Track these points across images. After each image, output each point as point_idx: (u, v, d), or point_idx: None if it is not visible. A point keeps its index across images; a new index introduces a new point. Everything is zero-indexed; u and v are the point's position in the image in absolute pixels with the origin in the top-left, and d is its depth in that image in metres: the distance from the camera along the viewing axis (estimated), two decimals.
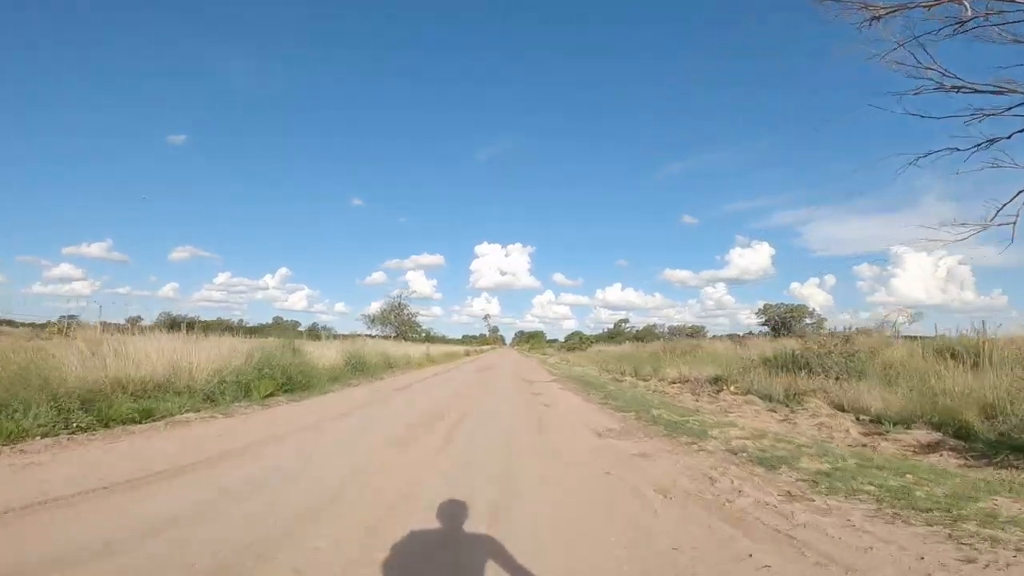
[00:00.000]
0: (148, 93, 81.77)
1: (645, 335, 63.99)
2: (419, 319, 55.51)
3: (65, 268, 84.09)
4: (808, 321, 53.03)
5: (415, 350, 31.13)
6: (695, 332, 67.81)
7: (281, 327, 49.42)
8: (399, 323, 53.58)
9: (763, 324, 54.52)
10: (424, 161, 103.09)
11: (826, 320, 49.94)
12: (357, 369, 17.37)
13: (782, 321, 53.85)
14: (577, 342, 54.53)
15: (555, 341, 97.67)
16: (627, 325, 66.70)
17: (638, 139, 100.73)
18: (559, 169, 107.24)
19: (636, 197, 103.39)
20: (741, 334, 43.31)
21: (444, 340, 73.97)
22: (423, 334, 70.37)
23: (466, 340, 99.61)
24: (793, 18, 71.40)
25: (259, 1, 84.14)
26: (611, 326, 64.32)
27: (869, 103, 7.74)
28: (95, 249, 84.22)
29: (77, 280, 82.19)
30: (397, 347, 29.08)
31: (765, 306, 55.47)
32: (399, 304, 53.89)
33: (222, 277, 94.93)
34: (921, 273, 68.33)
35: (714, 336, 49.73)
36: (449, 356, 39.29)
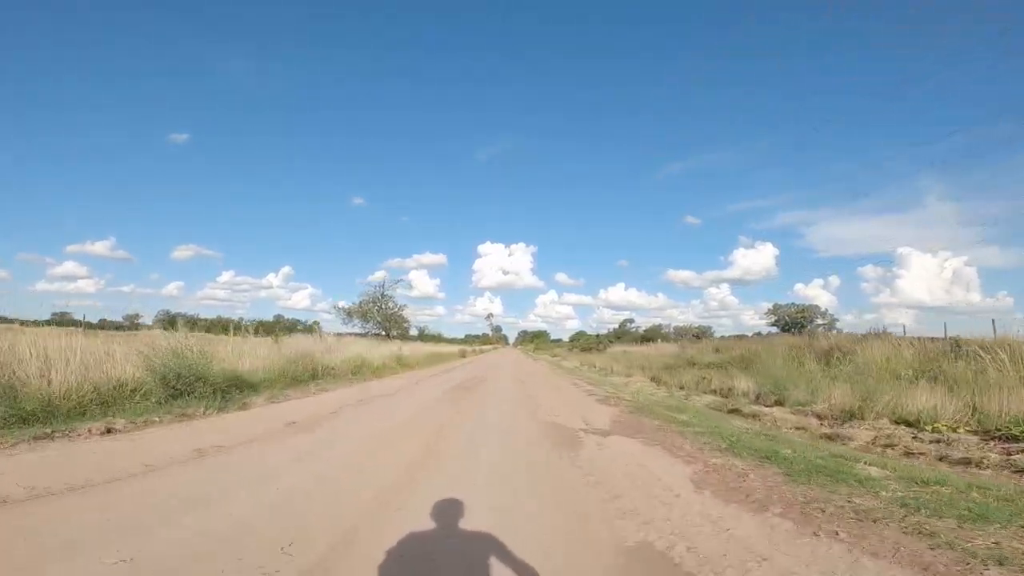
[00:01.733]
0: (150, 92, 79.11)
1: (652, 335, 60.65)
2: (407, 313, 45.60)
3: (69, 266, 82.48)
4: (819, 322, 51.21)
5: (381, 351, 21.31)
6: (701, 333, 63.53)
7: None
8: (383, 318, 43.72)
9: (773, 324, 51.79)
10: (425, 161, 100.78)
11: (838, 320, 48.34)
12: (179, 391, 7.50)
13: (792, 321, 50.78)
14: (593, 341, 44.55)
15: (559, 341, 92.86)
16: (632, 325, 64.15)
17: (639, 139, 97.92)
18: (560, 169, 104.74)
19: (638, 197, 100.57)
20: (749, 334, 38.03)
21: (439, 339, 64.02)
22: (415, 330, 61.30)
23: (468, 340, 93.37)
24: (793, 18, 70.21)
25: (260, 1, 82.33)
26: (615, 326, 61.74)
27: None
28: (98, 247, 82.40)
29: (81, 278, 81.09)
30: (345, 346, 19.28)
31: (775, 306, 54.03)
32: (382, 295, 44.12)
33: (226, 276, 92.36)
34: (926, 274, 66.53)
35: (773, 332, 40.78)
36: (435, 359, 29.34)
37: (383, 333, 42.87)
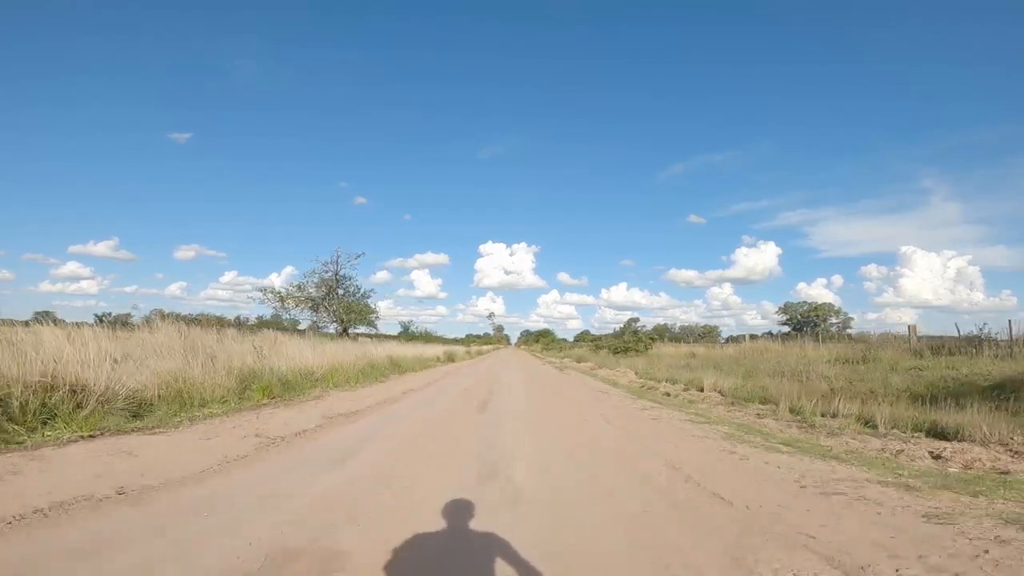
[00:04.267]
0: (154, 91, 77.22)
1: (659, 334, 55.92)
2: (373, 301, 32.09)
3: (72, 267, 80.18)
4: (833, 320, 47.34)
5: (232, 360, 8.28)
6: (708, 332, 59.39)
7: None
8: (339, 308, 30.37)
9: (784, 323, 48.34)
10: (428, 160, 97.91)
11: (852, 319, 44.73)
12: None
13: (805, 320, 46.59)
14: (631, 339, 31.16)
15: (563, 340, 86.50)
16: (638, 324, 57.72)
17: (642, 139, 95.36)
18: (563, 169, 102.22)
19: (641, 197, 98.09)
20: (760, 334, 34.49)
21: (429, 338, 50.62)
22: (397, 326, 48.64)
23: (469, 339, 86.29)
24: (795, 19, 69.61)
25: (262, 1, 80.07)
26: (618, 326, 57.44)
27: None
28: (101, 248, 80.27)
29: (85, 279, 78.85)
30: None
31: (786, 305, 50.51)
32: (336, 276, 30.89)
33: (228, 276, 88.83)
34: (930, 274, 65.15)
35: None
36: (381, 371, 16.17)
37: (342, 328, 29.69)
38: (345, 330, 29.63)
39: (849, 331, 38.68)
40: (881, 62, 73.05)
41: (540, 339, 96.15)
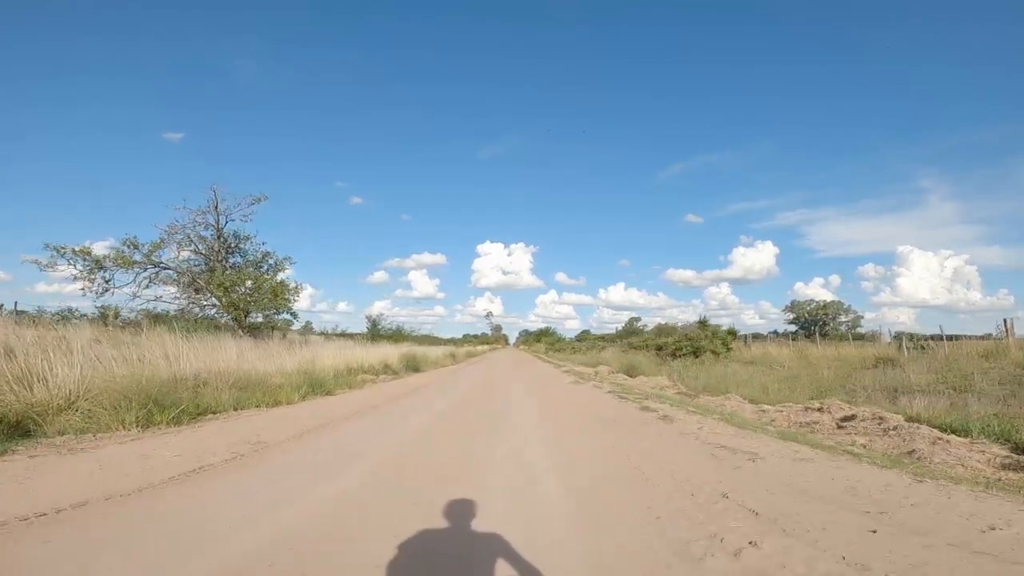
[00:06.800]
0: (153, 91, 72.65)
1: (669, 334, 47.61)
2: (292, 278, 19.52)
3: (69, 267, 67.46)
4: (842, 319, 45.83)
5: None
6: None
7: None
8: (218, 287, 17.91)
9: (791, 323, 47.60)
10: (427, 160, 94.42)
11: (862, 317, 42.97)
12: None
13: (812, 319, 46.23)
14: (701, 335, 19.11)
15: (568, 340, 78.21)
16: (640, 323, 56.98)
17: (641, 140, 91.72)
18: (563, 169, 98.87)
19: (640, 197, 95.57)
20: (766, 333, 32.27)
21: (402, 337, 38.00)
22: (362, 322, 36.15)
23: (466, 340, 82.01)
24: (795, 19, 63.43)
25: (261, 2, 76.50)
26: (617, 326, 54.50)
27: None
28: (98, 248, 60.74)
29: (82, 279, 67.10)
30: None
31: (794, 303, 48.79)
32: (220, 235, 18.55)
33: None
34: (927, 273, 64.33)
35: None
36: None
37: (232, 319, 17.44)
38: (237, 321, 17.31)
39: (859, 330, 37.09)
40: (881, 62, 71.36)
41: (542, 338, 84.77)
